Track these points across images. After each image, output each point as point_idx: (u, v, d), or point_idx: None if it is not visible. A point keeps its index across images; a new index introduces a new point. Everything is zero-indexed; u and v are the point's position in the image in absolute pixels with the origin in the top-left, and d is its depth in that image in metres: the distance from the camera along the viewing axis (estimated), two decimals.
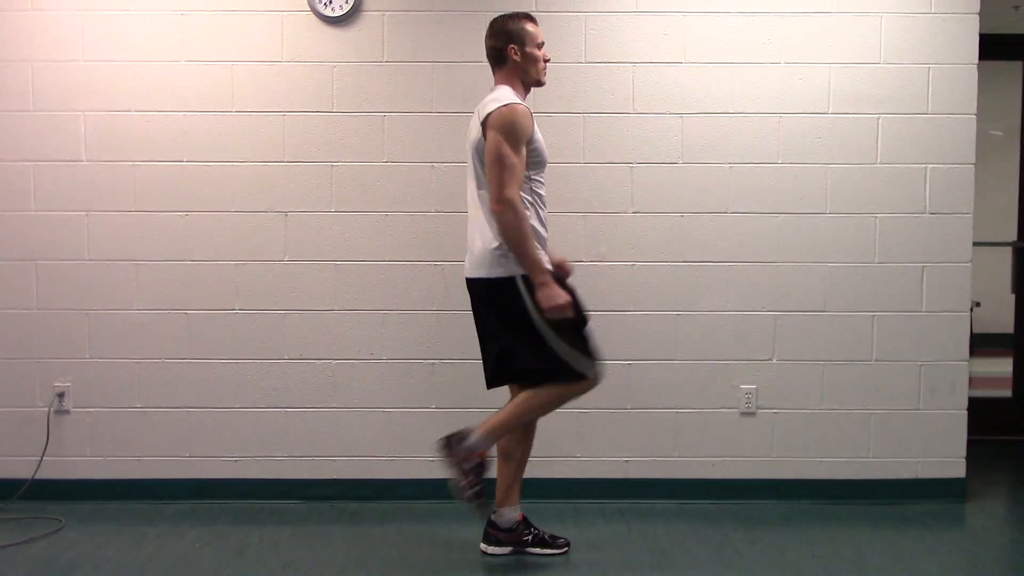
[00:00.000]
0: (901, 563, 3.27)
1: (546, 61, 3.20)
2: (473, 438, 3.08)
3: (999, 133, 5.08)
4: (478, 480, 3.08)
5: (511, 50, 3.13)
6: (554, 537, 3.35)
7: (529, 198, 3.09)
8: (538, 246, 3.06)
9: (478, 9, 3.74)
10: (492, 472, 3.16)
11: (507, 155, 2.99)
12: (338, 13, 3.75)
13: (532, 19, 3.19)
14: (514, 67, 3.14)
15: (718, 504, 3.86)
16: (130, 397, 3.85)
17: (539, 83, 3.22)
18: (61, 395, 3.84)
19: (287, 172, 3.81)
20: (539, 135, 3.11)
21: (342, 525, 3.64)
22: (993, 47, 4.07)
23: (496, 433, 3.12)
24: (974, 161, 3.84)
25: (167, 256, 3.82)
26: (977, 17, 3.78)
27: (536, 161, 3.11)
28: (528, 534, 3.32)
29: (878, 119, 3.82)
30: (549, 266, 3.08)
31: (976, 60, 3.80)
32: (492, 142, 3.01)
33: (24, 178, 3.80)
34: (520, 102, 3.07)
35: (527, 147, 3.05)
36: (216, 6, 3.76)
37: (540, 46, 3.18)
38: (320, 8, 3.75)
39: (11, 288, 3.82)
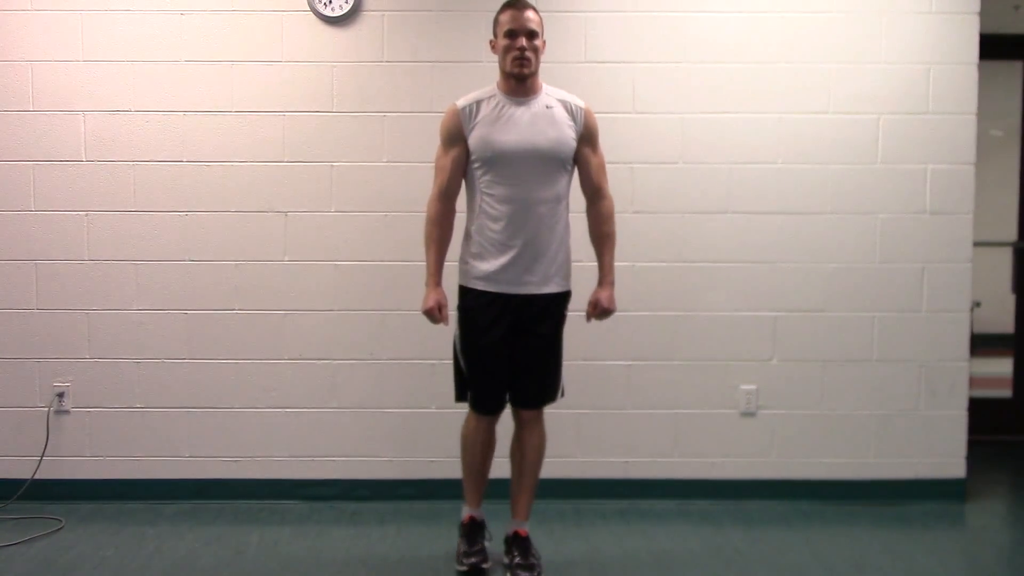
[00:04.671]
0: (901, 563, 3.27)
1: (519, 49, 2.96)
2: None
3: (999, 133, 5.08)
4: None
5: (490, 43, 3.11)
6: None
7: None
8: None
9: (478, 9, 3.74)
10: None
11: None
12: (338, 13, 3.75)
13: (512, 5, 3.01)
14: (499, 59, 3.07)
15: (718, 504, 3.86)
16: (130, 397, 3.85)
17: (512, 75, 3.01)
18: (61, 395, 3.83)
19: (287, 172, 3.81)
20: None
21: (342, 525, 3.64)
22: (993, 47, 4.06)
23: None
24: (974, 161, 3.84)
25: (167, 256, 3.82)
26: (977, 17, 3.78)
27: None
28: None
29: (878, 119, 3.82)
30: None
31: (976, 60, 3.80)
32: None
33: (24, 178, 3.80)
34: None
35: None
36: (216, 6, 3.76)
37: (509, 34, 2.98)
38: (320, 8, 3.75)
39: (11, 288, 3.82)
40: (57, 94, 3.78)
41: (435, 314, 3.06)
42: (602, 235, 3.20)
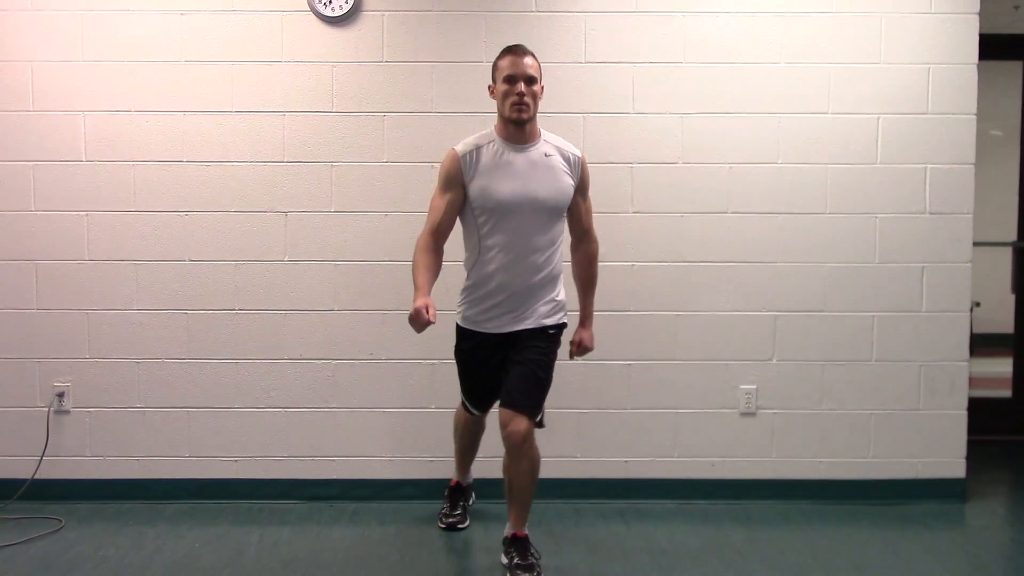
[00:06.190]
0: (901, 563, 3.27)
1: (518, 95, 3.00)
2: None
3: (999, 133, 5.08)
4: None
5: (489, 89, 3.15)
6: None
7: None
8: None
9: (478, 9, 3.74)
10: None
11: None
12: (338, 13, 3.75)
13: (511, 51, 3.06)
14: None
15: (718, 504, 3.86)
16: (130, 397, 3.85)
17: (511, 120, 3.04)
18: (61, 395, 3.83)
19: (287, 172, 3.81)
20: None
21: (342, 525, 3.64)
22: (993, 47, 4.06)
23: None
24: (974, 161, 3.84)
25: (167, 256, 3.82)
26: (977, 17, 3.78)
27: None
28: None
29: (878, 119, 3.82)
30: None
31: (976, 60, 3.80)
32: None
33: (24, 178, 3.80)
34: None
35: None
36: (216, 6, 3.76)
37: (508, 80, 3.02)
38: (320, 8, 3.75)
39: (11, 288, 3.82)
40: (57, 94, 3.78)
41: (422, 314, 2.88)
42: (588, 277, 3.33)
